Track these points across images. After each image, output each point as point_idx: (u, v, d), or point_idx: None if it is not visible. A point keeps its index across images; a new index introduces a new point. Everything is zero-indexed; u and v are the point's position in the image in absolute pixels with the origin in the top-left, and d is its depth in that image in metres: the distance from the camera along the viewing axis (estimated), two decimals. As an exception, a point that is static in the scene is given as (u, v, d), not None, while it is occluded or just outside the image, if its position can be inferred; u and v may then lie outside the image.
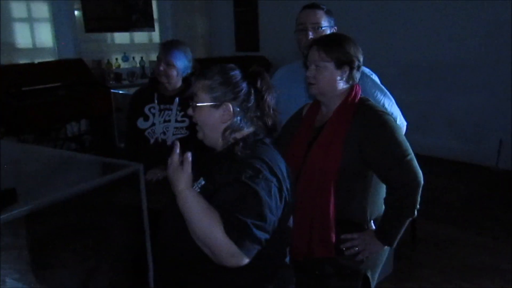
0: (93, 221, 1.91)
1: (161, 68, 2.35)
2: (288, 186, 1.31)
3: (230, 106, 1.31)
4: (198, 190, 1.30)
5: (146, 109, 2.43)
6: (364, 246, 1.59)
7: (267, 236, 1.21)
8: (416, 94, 5.19)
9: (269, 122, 1.37)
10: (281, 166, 1.32)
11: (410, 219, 1.57)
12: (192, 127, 1.57)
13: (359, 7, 5.51)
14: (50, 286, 1.84)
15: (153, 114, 2.42)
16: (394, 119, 2.00)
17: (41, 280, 1.80)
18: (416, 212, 1.56)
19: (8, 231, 1.61)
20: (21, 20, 5.23)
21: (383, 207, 1.63)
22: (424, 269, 3.01)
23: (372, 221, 1.64)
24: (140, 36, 6.39)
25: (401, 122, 2.08)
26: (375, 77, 2.08)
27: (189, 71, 2.40)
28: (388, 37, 5.41)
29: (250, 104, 1.33)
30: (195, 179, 1.32)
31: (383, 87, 2.05)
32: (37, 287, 1.73)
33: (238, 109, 1.32)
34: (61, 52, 5.46)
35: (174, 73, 2.35)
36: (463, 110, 5.03)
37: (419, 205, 1.55)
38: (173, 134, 2.36)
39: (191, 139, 1.99)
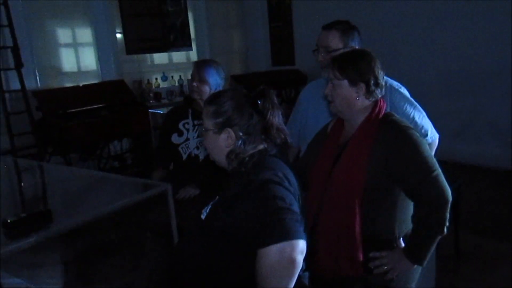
0: (127, 238, 1.98)
1: (194, 84, 2.43)
2: (298, 195, 1.32)
3: (232, 131, 1.34)
4: (210, 206, 1.35)
5: (180, 125, 2.52)
6: (393, 265, 1.55)
7: (297, 208, 1.22)
8: (458, 101, 5.02)
9: (278, 141, 1.38)
10: (290, 176, 1.33)
11: (440, 236, 1.52)
12: None
13: (398, 16, 5.44)
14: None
15: (187, 130, 2.51)
16: (425, 132, 1.97)
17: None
18: (446, 230, 1.50)
19: (46, 249, 1.69)
20: (67, 45, 5.52)
21: (413, 223, 1.58)
22: (468, 283, 2.88)
23: (401, 238, 1.60)
24: (178, 56, 6.58)
25: (433, 135, 2.03)
26: (404, 90, 2.04)
27: (221, 88, 2.47)
28: (429, 45, 5.27)
29: (253, 128, 1.35)
30: (214, 197, 1.38)
31: (412, 100, 2.01)
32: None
33: (240, 133, 1.34)
34: (104, 74, 5.71)
35: (207, 89, 2.42)
36: (506, 117, 4.80)
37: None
38: (206, 150, 2.42)
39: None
